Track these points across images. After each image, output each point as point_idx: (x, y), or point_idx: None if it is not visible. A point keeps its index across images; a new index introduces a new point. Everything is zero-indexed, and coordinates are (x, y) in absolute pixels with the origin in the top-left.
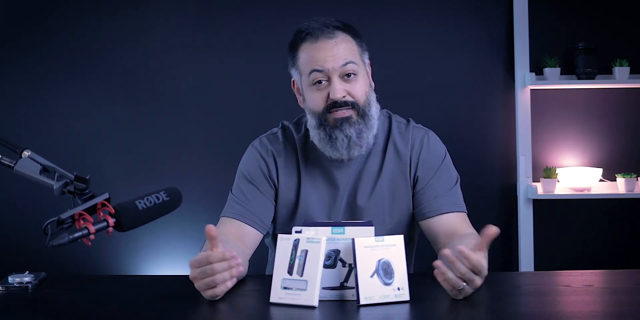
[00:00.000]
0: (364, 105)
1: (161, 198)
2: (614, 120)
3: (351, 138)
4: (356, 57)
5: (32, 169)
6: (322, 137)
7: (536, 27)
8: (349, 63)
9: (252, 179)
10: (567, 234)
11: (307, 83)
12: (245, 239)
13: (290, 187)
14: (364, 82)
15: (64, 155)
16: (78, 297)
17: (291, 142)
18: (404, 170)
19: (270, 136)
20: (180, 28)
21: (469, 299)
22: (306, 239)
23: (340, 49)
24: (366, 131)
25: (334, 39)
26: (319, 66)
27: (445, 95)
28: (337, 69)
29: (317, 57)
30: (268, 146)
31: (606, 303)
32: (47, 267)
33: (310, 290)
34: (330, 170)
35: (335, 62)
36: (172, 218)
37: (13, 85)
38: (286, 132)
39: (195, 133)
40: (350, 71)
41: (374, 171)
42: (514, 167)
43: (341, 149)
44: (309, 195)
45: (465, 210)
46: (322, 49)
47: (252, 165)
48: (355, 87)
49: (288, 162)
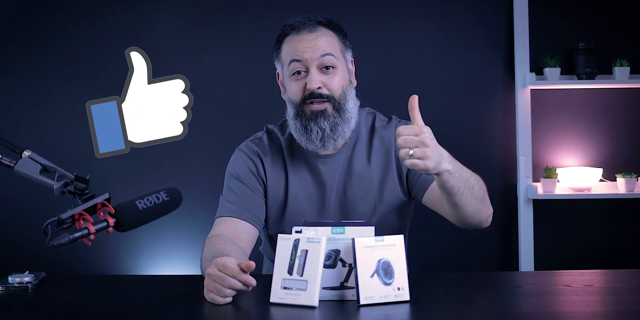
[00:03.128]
0: (340, 99)
1: (161, 198)
2: (614, 120)
3: (325, 131)
4: (336, 51)
5: (32, 169)
6: (298, 127)
7: (536, 27)
8: (327, 55)
9: (241, 177)
10: (567, 234)
11: (287, 73)
12: (242, 235)
13: (279, 185)
14: (342, 76)
15: (64, 155)
16: (78, 297)
17: (277, 144)
18: (389, 160)
19: (255, 140)
20: (180, 28)
21: (469, 299)
22: (306, 239)
23: (320, 41)
24: (341, 124)
25: (315, 32)
26: (297, 56)
27: (445, 95)
28: (315, 60)
29: (297, 47)
30: (254, 148)
31: (606, 303)
32: (47, 267)
33: (310, 290)
34: (317, 166)
35: (314, 52)
36: (172, 218)
37: (13, 85)
38: (271, 135)
39: (195, 133)
40: (329, 63)
41: (361, 164)
42: (514, 167)
43: (315, 141)
44: (298, 193)
45: None
46: (303, 41)
47: (240, 165)
48: (333, 80)
49: (274, 161)
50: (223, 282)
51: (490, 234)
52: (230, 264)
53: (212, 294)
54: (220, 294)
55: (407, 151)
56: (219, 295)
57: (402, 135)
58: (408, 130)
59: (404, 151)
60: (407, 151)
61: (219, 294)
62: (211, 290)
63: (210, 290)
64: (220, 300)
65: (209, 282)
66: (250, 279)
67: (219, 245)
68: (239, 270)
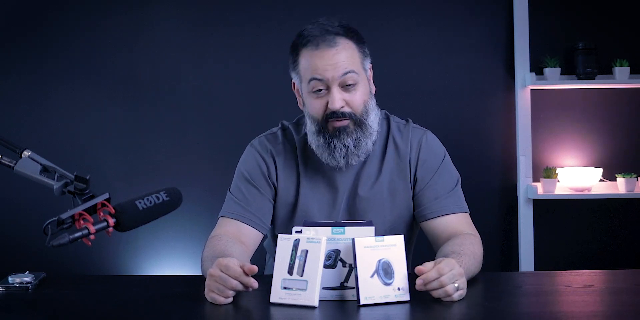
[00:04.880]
0: (362, 115)
1: (161, 198)
2: (614, 120)
3: (349, 148)
4: (357, 66)
5: (32, 169)
6: (320, 144)
7: (536, 27)
8: (349, 72)
9: (251, 179)
10: (567, 234)
11: (307, 90)
12: (245, 239)
13: (289, 187)
14: (364, 91)
15: (64, 155)
16: (78, 297)
17: (291, 143)
18: (403, 169)
19: (269, 136)
20: (181, 28)
21: (469, 299)
22: (306, 239)
23: (341, 57)
24: (364, 139)
25: (335, 47)
26: (318, 75)
27: (445, 95)
28: (337, 79)
29: (317, 65)
30: (267, 146)
31: (606, 303)
32: (47, 267)
33: (310, 290)
34: (330, 172)
35: (335, 71)
36: (172, 218)
37: (13, 85)
38: (286, 132)
39: (195, 133)
40: (350, 82)
41: (373, 171)
42: (514, 167)
43: (339, 158)
44: (308, 196)
45: (466, 211)
46: (323, 58)
47: (252, 165)
48: (355, 97)
49: (287, 162)
50: (225, 283)
51: (490, 234)
52: (233, 265)
53: (213, 294)
54: (221, 294)
55: (454, 286)
56: (221, 295)
57: (445, 273)
58: (448, 267)
59: (452, 287)
60: (454, 286)
61: (221, 294)
62: (212, 290)
63: (212, 290)
64: (221, 300)
65: (211, 282)
66: (252, 281)
67: (220, 245)
68: (241, 272)
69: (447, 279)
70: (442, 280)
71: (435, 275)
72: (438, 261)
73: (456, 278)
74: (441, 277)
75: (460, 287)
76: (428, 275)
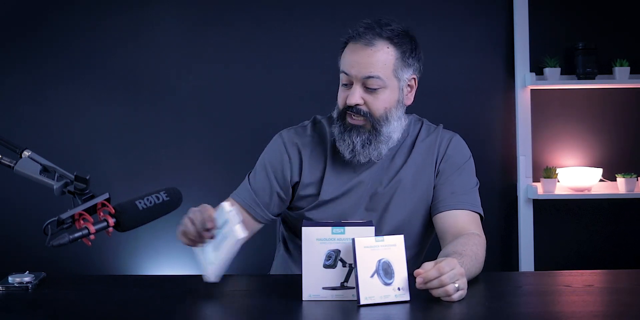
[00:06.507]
0: (379, 120)
1: (161, 198)
2: (614, 120)
3: (355, 145)
4: (386, 72)
5: (32, 169)
6: (336, 131)
7: (536, 27)
8: (372, 77)
9: (269, 169)
10: (567, 234)
11: (340, 80)
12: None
13: (314, 178)
14: (388, 98)
15: (64, 155)
16: (78, 297)
17: (321, 136)
18: (430, 163)
19: (298, 129)
20: (180, 28)
21: (469, 299)
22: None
23: (372, 59)
24: (375, 143)
25: (371, 47)
26: (346, 69)
27: (446, 95)
28: (359, 79)
29: (349, 60)
30: (294, 139)
31: (606, 303)
32: (47, 267)
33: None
34: (358, 165)
35: (360, 71)
36: (172, 218)
37: (13, 85)
38: (317, 126)
39: (195, 133)
40: (373, 86)
41: (399, 168)
42: (514, 167)
43: (345, 151)
44: (332, 188)
45: (479, 213)
46: (355, 55)
47: (275, 156)
48: (376, 100)
49: (315, 153)
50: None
51: (490, 234)
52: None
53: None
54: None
55: (455, 286)
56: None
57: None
58: (449, 266)
59: (452, 287)
60: (454, 286)
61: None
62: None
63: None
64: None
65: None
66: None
67: None
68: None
69: (447, 278)
70: (443, 280)
71: (435, 274)
72: (439, 261)
73: (457, 278)
74: (442, 276)
75: (460, 287)
76: (428, 273)
